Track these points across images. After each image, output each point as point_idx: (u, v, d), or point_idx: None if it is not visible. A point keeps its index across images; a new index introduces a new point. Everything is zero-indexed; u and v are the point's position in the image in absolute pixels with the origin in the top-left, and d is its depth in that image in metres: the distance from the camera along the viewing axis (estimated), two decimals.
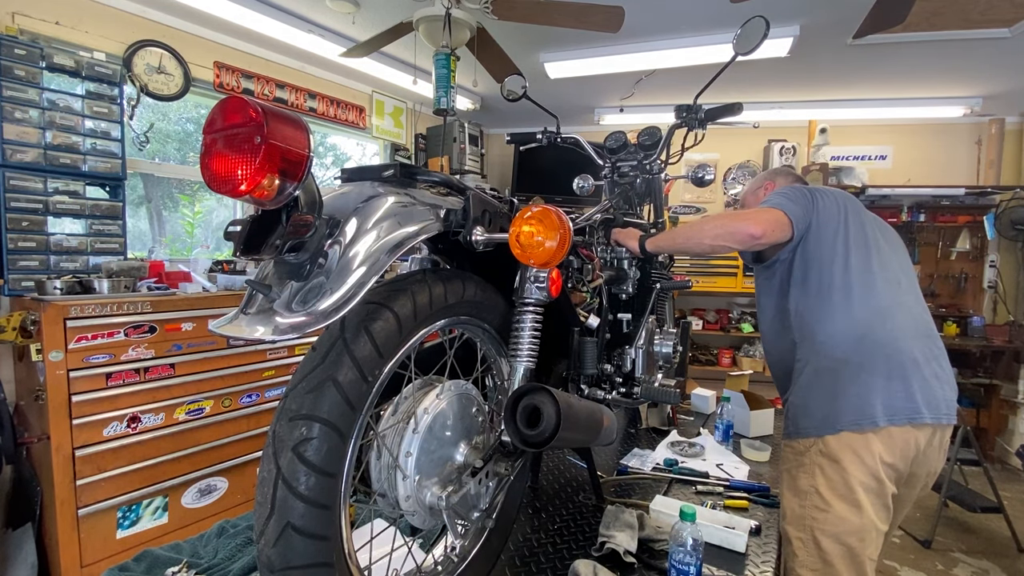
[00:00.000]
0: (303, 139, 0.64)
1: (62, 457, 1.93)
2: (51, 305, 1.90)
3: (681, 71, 3.39)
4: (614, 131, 2.00)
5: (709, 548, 1.30)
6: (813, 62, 3.37)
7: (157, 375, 2.17)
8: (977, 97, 3.93)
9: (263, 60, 3.30)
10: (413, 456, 0.85)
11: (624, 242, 1.52)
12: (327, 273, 0.70)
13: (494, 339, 1.09)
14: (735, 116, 1.77)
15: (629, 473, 1.73)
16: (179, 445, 2.25)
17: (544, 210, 0.78)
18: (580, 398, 1.01)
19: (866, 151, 4.60)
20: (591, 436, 0.98)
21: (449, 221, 0.87)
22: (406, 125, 4.43)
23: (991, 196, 4.19)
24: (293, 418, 0.68)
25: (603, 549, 1.25)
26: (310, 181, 0.68)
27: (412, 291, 0.82)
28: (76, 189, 2.37)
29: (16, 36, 2.21)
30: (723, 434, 1.99)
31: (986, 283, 4.33)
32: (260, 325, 0.66)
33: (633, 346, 1.51)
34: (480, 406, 1.01)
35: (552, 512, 1.50)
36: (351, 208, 0.74)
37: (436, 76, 2.55)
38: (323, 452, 0.68)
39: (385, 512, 0.89)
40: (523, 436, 0.81)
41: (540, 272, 0.95)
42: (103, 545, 2.06)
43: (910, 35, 2.76)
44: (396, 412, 0.89)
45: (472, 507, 0.95)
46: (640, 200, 1.95)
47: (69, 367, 1.94)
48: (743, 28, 1.62)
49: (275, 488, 0.66)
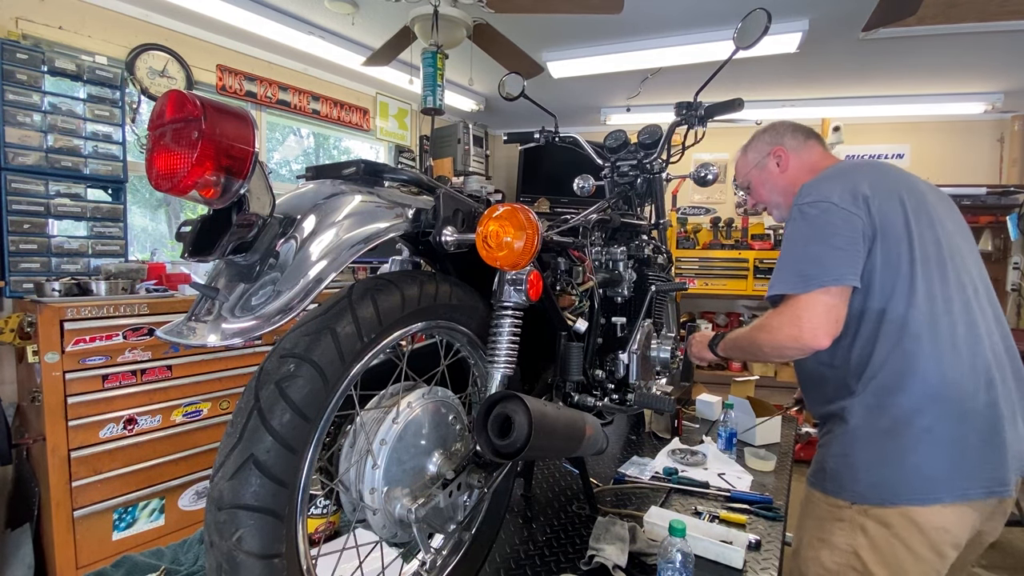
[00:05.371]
0: (248, 134, 0.60)
1: (58, 458, 1.93)
2: (47, 307, 1.91)
3: (688, 69, 3.32)
4: (614, 130, 1.96)
5: (705, 563, 1.24)
6: (824, 58, 3.28)
7: (154, 377, 2.17)
8: (998, 93, 3.79)
9: (266, 63, 3.31)
10: (388, 446, 0.82)
11: (700, 354, 1.43)
12: (280, 272, 0.67)
13: (476, 345, 1.05)
14: (736, 112, 1.71)
15: (626, 482, 1.68)
16: (176, 447, 2.25)
17: (511, 209, 0.74)
18: (560, 406, 0.96)
19: (882, 150, 4.48)
20: (572, 446, 0.93)
21: (419, 221, 0.83)
22: (410, 127, 4.42)
23: (1014, 196, 4.03)
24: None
25: (592, 563, 1.20)
26: (260, 178, 0.65)
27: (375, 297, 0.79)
28: (77, 192, 2.39)
29: (19, 41, 2.24)
30: (726, 442, 1.92)
31: (1009, 286, 4.17)
32: (205, 331, 0.63)
33: (627, 351, 1.46)
34: (458, 414, 0.97)
35: (543, 522, 1.45)
36: (308, 206, 0.71)
37: (423, 74, 2.52)
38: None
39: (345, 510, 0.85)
40: (494, 446, 0.77)
41: (518, 274, 0.91)
42: (99, 547, 2.06)
43: (925, 28, 2.66)
44: (380, 403, 0.88)
45: (447, 519, 0.91)
46: (641, 200, 1.90)
47: (65, 369, 1.94)
48: (744, 21, 1.57)
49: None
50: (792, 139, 1.35)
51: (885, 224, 1.03)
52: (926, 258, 1.03)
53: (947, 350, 1.00)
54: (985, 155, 4.26)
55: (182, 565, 1.25)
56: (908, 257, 1.03)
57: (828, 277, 1.00)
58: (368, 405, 0.87)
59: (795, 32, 2.81)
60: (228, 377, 2.40)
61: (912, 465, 0.98)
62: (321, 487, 0.88)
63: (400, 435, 0.83)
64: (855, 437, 1.05)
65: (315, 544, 1.05)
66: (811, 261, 1.02)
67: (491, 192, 4.49)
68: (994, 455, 0.97)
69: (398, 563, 1.03)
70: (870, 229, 1.03)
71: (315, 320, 0.71)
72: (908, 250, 1.03)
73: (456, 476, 0.87)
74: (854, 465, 1.04)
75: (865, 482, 1.02)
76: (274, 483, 0.64)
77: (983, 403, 0.98)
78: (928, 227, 1.06)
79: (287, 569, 0.67)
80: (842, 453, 1.07)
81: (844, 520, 1.05)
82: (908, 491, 0.97)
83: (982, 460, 0.96)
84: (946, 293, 1.02)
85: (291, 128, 4.01)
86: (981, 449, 0.97)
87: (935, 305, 1.01)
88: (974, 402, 0.98)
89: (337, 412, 0.74)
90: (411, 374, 0.91)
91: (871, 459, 1.02)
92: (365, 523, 0.84)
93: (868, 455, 1.03)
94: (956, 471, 0.96)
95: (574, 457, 1.49)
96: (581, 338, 1.26)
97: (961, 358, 1.00)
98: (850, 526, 1.03)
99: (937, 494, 0.96)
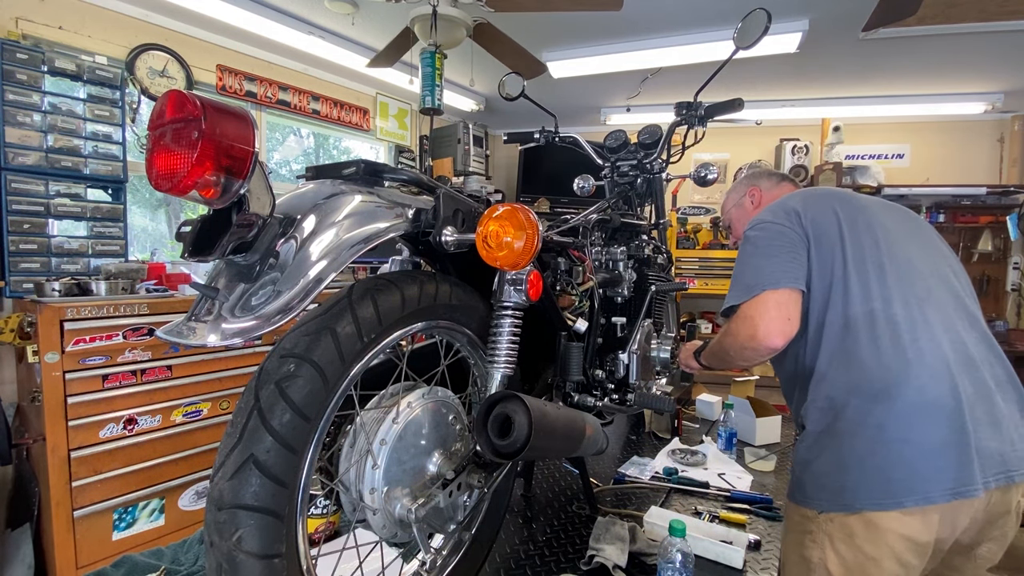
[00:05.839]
0: (248, 134, 0.61)
1: (58, 458, 1.93)
2: (47, 307, 1.91)
3: (688, 69, 3.32)
4: (614, 130, 1.96)
5: (705, 564, 1.24)
6: (824, 58, 3.28)
7: (154, 377, 2.17)
8: (998, 93, 3.79)
9: (265, 63, 3.31)
10: (388, 446, 0.82)
11: (687, 363, 1.45)
12: (280, 272, 0.67)
13: (476, 345, 1.05)
14: (736, 112, 1.71)
15: (626, 482, 1.68)
16: (176, 447, 2.24)
17: (511, 209, 0.74)
18: (560, 406, 0.96)
19: (882, 150, 4.48)
20: (571, 446, 0.93)
21: (419, 221, 0.83)
22: (410, 127, 4.42)
23: (1014, 195, 4.04)
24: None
25: (592, 563, 1.20)
26: (260, 178, 0.65)
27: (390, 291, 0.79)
28: (77, 192, 2.39)
29: (19, 41, 2.24)
30: (726, 442, 1.92)
31: (1010, 286, 4.17)
32: (205, 331, 0.63)
33: (627, 351, 1.46)
34: (458, 414, 0.97)
35: (544, 522, 1.45)
36: (308, 206, 0.71)
37: (422, 74, 2.52)
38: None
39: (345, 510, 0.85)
40: (494, 446, 0.77)
41: (518, 274, 0.91)
42: (99, 547, 2.05)
43: (925, 28, 2.66)
44: (380, 403, 0.88)
45: (447, 519, 0.91)
46: (641, 200, 1.90)
47: (65, 369, 1.94)
48: (744, 21, 1.57)
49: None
50: (767, 181, 1.46)
51: (818, 233, 1.09)
52: (861, 259, 1.05)
53: (887, 346, 0.99)
54: (985, 155, 4.25)
55: (182, 565, 1.25)
56: (841, 260, 1.06)
57: (768, 281, 1.06)
58: (368, 405, 0.87)
59: (795, 32, 2.81)
60: (228, 377, 2.40)
61: (872, 467, 0.95)
62: (321, 487, 0.88)
63: (400, 435, 0.83)
64: (814, 442, 1.04)
65: (315, 544, 1.05)
66: (753, 272, 1.09)
67: (491, 192, 4.48)
68: (958, 455, 0.92)
69: (398, 563, 1.03)
70: (803, 239, 1.09)
71: (315, 320, 0.71)
72: (841, 253, 1.06)
73: (456, 476, 0.87)
74: (816, 472, 1.03)
75: (828, 488, 1.00)
76: (274, 483, 0.64)
77: (940, 401, 0.94)
78: (865, 231, 1.08)
79: (287, 569, 0.67)
80: (805, 460, 1.06)
81: (813, 531, 1.02)
82: (867, 495, 0.95)
83: (944, 460, 0.92)
84: (884, 292, 1.02)
85: (291, 128, 4.01)
86: (942, 449, 0.93)
87: (872, 304, 1.02)
88: (926, 399, 0.95)
89: (337, 412, 0.75)
90: (411, 374, 0.91)
91: (832, 464, 1.01)
92: (365, 523, 0.84)
93: (828, 460, 1.01)
94: (915, 473, 0.93)
95: (574, 457, 1.49)
96: (581, 338, 1.26)
97: (904, 354, 0.98)
98: (819, 538, 1.01)
99: (898, 497, 0.93)
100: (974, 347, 1.01)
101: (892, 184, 4.17)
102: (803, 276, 1.07)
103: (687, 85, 3.65)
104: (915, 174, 4.32)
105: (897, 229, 1.12)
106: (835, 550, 0.98)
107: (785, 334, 1.04)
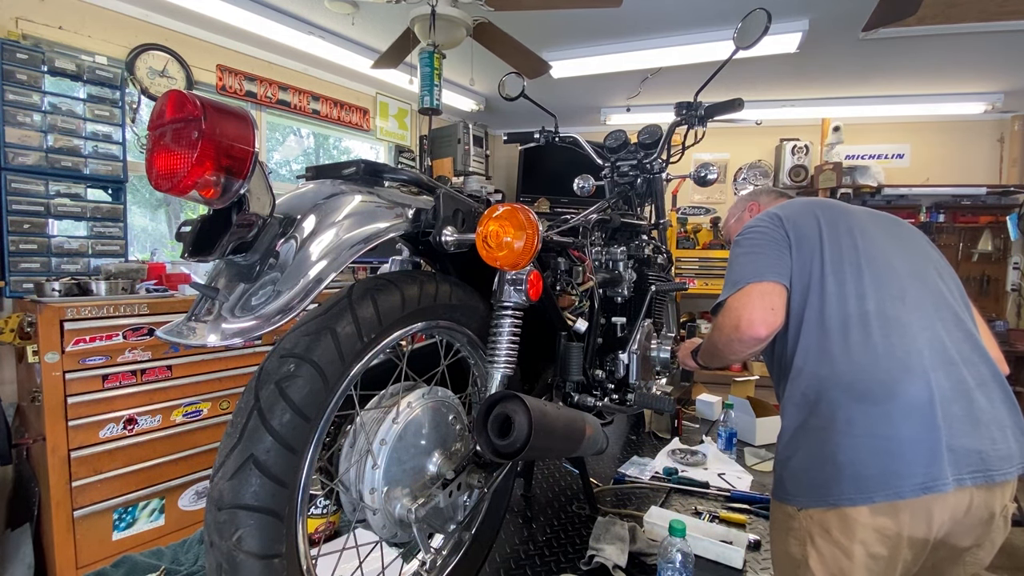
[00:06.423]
0: (248, 134, 0.61)
1: (58, 458, 1.93)
2: (47, 307, 1.91)
3: (688, 69, 3.32)
4: (614, 130, 1.96)
5: (705, 564, 1.24)
6: (824, 58, 3.28)
7: (154, 377, 2.17)
8: (998, 93, 3.79)
9: (265, 63, 3.31)
10: (388, 446, 0.82)
11: (685, 362, 1.45)
12: (280, 272, 0.67)
13: (476, 345, 1.05)
14: (736, 112, 1.71)
15: (626, 482, 1.68)
16: (176, 447, 2.24)
17: (511, 209, 0.74)
18: (560, 406, 0.96)
19: (882, 150, 4.48)
20: (571, 446, 0.93)
21: (419, 221, 0.83)
22: (410, 127, 4.42)
23: (1014, 195, 4.04)
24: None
25: (592, 563, 1.20)
26: (260, 179, 0.65)
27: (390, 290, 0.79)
28: (77, 192, 2.39)
29: (19, 41, 2.24)
30: (726, 442, 1.92)
31: (1009, 286, 4.17)
32: (205, 331, 0.63)
33: (627, 351, 1.46)
34: (458, 414, 0.97)
35: (544, 522, 1.45)
36: (308, 206, 0.71)
37: (420, 74, 2.52)
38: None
39: (345, 510, 0.85)
40: (494, 446, 0.77)
41: (518, 274, 0.91)
42: (99, 547, 2.05)
43: (925, 28, 2.66)
44: (380, 403, 0.88)
45: (447, 519, 0.91)
46: (641, 200, 1.90)
47: (65, 369, 1.94)
48: (744, 21, 1.57)
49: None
50: (767, 197, 1.51)
51: (800, 236, 1.13)
52: (838, 260, 1.09)
53: (857, 343, 1.01)
54: (985, 155, 4.25)
55: (182, 565, 1.25)
56: (819, 260, 1.10)
57: (752, 275, 1.11)
58: (368, 405, 0.87)
59: (795, 32, 2.81)
60: (228, 377, 2.40)
61: (845, 462, 0.97)
62: (321, 487, 0.88)
63: (400, 435, 0.83)
64: (791, 438, 1.07)
65: (315, 544, 1.05)
66: (739, 269, 1.15)
67: (491, 192, 4.48)
68: (927, 450, 0.93)
69: (398, 563, 1.03)
70: (785, 241, 1.14)
71: (315, 320, 0.71)
72: (819, 254, 1.10)
73: (456, 476, 0.87)
74: (794, 469, 1.05)
75: (806, 484, 1.02)
76: (274, 483, 0.64)
77: (910, 397, 0.96)
78: (846, 234, 1.12)
79: (287, 569, 0.67)
80: (784, 457, 1.08)
81: (795, 528, 1.03)
82: (839, 491, 0.97)
83: (913, 455, 0.94)
84: (860, 291, 1.05)
85: (291, 128, 4.01)
86: (912, 444, 0.94)
87: (847, 302, 1.05)
88: (895, 395, 0.96)
89: (337, 412, 0.74)
90: (411, 374, 0.91)
91: (808, 461, 1.03)
92: (365, 523, 0.84)
93: (804, 457, 1.03)
94: (885, 469, 0.94)
95: (574, 457, 1.49)
96: (581, 338, 1.26)
97: (875, 350, 1.00)
98: (801, 535, 1.02)
99: (869, 492, 0.94)
100: (955, 346, 1.02)
101: (892, 184, 4.18)
102: (787, 273, 1.11)
103: (687, 85, 3.65)
104: (915, 174, 4.33)
105: (879, 233, 1.15)
106: (815, 546, 0.99)
107: (768, 323, 1.05)
